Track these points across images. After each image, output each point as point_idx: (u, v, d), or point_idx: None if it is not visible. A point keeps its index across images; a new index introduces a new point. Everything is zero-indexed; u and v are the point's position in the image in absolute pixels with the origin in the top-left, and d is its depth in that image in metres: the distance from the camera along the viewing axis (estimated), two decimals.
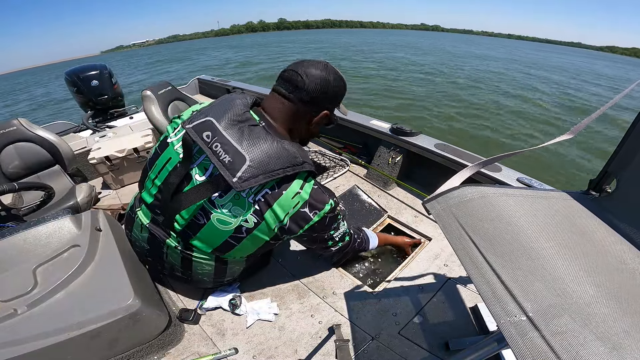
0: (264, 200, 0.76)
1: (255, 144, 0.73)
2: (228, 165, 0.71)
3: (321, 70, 0.79)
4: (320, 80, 0.78)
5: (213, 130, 0.74)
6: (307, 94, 0.78)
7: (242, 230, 0.80)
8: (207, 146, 0.74)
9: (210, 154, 0.73)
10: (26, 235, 0.89)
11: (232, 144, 0.72)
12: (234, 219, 0.78)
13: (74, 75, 2.55)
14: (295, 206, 0.78)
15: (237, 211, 0.77)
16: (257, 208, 0.76)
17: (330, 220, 0.86)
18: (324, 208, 0.81)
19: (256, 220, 0.78)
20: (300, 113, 0.81)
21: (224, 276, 0.98)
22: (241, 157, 0.71)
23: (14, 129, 1.55)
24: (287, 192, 0.76)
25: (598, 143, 5.50)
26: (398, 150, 1.61)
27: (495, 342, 0.58)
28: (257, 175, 0.71)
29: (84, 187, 1.58)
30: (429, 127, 5.74)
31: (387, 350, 0.90)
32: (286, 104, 0.80)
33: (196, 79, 3.19)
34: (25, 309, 0.75)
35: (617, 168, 0.63)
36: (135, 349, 0.84)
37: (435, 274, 1.13)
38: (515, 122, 6.40)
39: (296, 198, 0.77)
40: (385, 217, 1.44)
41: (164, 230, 0.89)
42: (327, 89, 0.79)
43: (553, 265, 0.45)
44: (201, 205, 0.80)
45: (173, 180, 0.81)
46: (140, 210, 0.94)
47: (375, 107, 6.92)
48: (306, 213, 0.79)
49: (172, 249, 0.90)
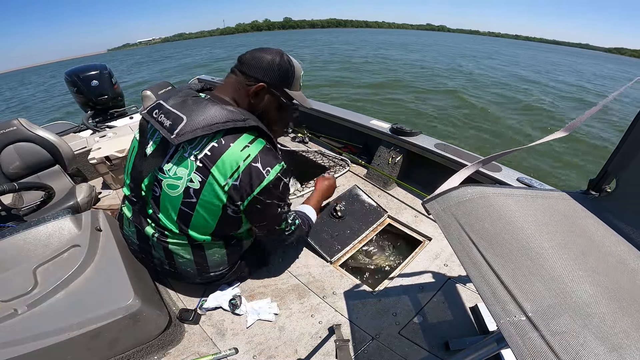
0: (210, 154, 0.77)
1: (195, 107, 0.78)
2: (168, 127, 0.76)
3: (263, 50, 0.86)
4: (257, 54, 0.85)
5: (160, 107, 0.81)
6: (242, 64, 0.85)
7: (190, 192, 0.80)
8: (155, 120, 0.80)
9: (156, 124, 0.79)
10: (26, 235, 0.89)
11: (173, 111, 0.78)
12: (180, 181, 0.80)
13: (74, 75, 2.55)
14: (246, 159, 0.77)
15: (182, 172, 0.79)
16: (201, 165, 0.77)
17: (284, 187, 0.87)
18: (276, 166, 0.81)
19: (201, 178, 0.78)
20: (239, 83, 0.85)
21: (207, 266, 0.97)
22: (179, 118, 0.76)
23: (14, 129, 1.55)
24: (235, 144, 0.77)
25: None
26: (398, 150, 1.61)
27: (495, 342, 0.58)
28: (193, 130, 0.74)
29: (84, 187, 1.58)
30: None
31: (387, 350, 0.90)
32: (230, 76, 0.88)
33: (196, 78, 3.19)
34: (26, 309, 0.75)
35: (617, 168, 0.63)
36: (135, 349, 0.84)
37: (435, 274, 1.13)
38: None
39: (245, 151, 0.78)
40: (385, 217, 1.44)
41: (142, 218, 0.91)
42: (261, 61, 0.83)
43: (552, 265, 0.45)
44: (154, 175, 0.83)
45: (137, 163, 0.86)
46: (124, 205, 0.97)
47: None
48: (258, 169, 0.78)
49: (152, 239, 0.91)
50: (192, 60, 21.64)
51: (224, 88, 0.88)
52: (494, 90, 9.58)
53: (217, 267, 0.99)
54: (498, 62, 18.73)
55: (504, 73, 13.64)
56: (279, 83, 0.86)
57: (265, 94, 0.86)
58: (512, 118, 6.84)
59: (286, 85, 0.87)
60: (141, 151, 0.86)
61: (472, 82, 10.63)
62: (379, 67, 13.21)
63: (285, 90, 0.88)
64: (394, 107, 7.30)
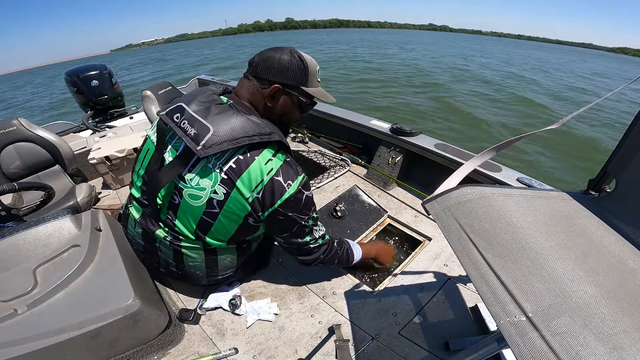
0: (235, 167, 0.76)
1: (221, 117, 0.76)
2: (193, 136, 0.74)
3: (272, 50, 0.84)
4: (267, 56, 0.83)
5: (182, 112, 0.79)
6: (253, 68, 0.84)
7: (213, 203, 0.79)
8: (177, 126, 0.78)
9: (179, 131, 0.77)
10: (26, 235, 0.89)
11: (197, 119, 0.76)
12: (203, 192, 0.79)
13: (74, 75, 2.55)
14: (269, 173, 0.77)
15: (205, 183, 0.78)
16: (225, 177, 0.77)
17: (307, 200, 0.85)
18: (297, 178, 0.81)
19: (225, 190, 0.78)
20: (254, 87, 0.84)
21: (217, 269, 0.97)
22: (206, 128, 0.74)
23: (14, 129, 1.55)
24: (259, 158, 0.77)
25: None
26: (398, 150, 1.61)
27: (495, 342, 0.58)
28: (220, 142, 0.73)
29: (84, 187, 1.58)
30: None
31: (387, 350, 0.90)
32: (244, 81, 0.86)
33: (196, 79, 3.19)
34: (26, 309, 0.75)
35: (616, 168, 0.64)
36: (135, 349, 0.84)
37: (435, 274, 1.13)
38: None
39: (269, 165, 0.78)
40: (385, 217, 1.44)
41: (152, 221, 0.90)
42: (271, 62, 0.81)
43: (552, 265, 0.45)
44: (174, 184, 0.82)
45: (153, 167, 0.84)
46: (132, 206, 0.96)
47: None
48: (280, 182, 0.78)
49: (162, 242, 0.90)
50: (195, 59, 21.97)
51: (241, 93, 0.86)
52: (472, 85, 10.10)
53: (225, 270, 0.99)
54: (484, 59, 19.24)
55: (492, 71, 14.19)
56: (294, 82, 0.83)
57: (282, 95, 0.84)
58: (493, 112, 7.11)
59: (302, 82, 0.84)
60: (157, 155, 0.83)
61: (453, 77, 11.27)
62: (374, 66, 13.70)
63: (302, 88, 0.85)
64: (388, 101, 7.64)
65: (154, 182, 0.83)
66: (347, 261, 1.05)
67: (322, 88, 0.91)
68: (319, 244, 0.95)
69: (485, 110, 7.08)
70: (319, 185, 1.63)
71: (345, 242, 1.07)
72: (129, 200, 0.99)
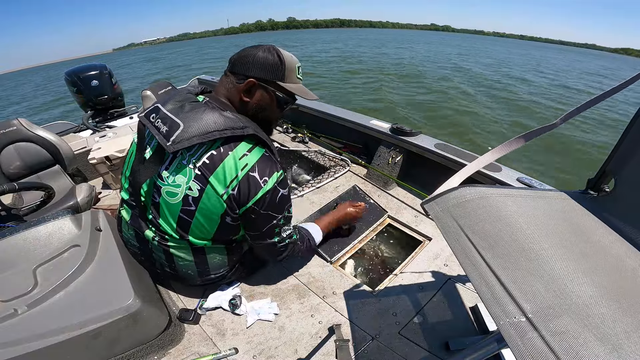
0: (208, 162, 0.76)
1: (192, 114, 0.77)
2: (165, 133, 0.75)
3: (252, 47, 0.84)
4: (244, 52, 0.84)
5: (157, 111, 0.80)
6: (231, 64, 0.85)
7: (189, 200, 0.80)
8: (152, 125, 0.79)
9: (153, 129, 0.78)
10: (26, 235, 0.89)
11: (170, 117, 0.77)
12: (179, 189, 0.79)
13: (74, 75, 2.55)
14: (244, 168, 0.77)
15: (180, 179, 0.79)
16: (199, 173, 0.77)
17: (282, 198, 0.85)
18: (273, 175, 0.80)
19: (199, 186, 0.78)
20: (230, 82, 0.85)
21: (208, 269, 0.97)
22: (176, 124, 0.75)
23: (14, 129, 1.55)
24: (233, 153, 0.77)
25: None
26: (398, 150, 1.61)
27: (495, 342, 0.58)
28: (190, 137, 0.73)
29: (84, 187, 1.58)
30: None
31: (387, 350, 0.90)
32: (223, 78, 0.87)
33: (196, 78, 3.19)
34: (26, 309, 0.75)
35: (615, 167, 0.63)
36: (135, 349, 0.84)
37: (435, 274, 1.13)
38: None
39: (243, 160, 0.77)
40: (385, 217, 1.44)
41: (141, 222, 0.91)
42: (247, 57, 0.82)
43: (552, 265, 0.45)
44: (153, 182, 0.83)
45: (135, 168, 0.85)
46: (123, 209, 0.96)
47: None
48: (256, 179, 0.78)
49: (152, 242, 0.91)
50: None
51: (219, 90, 0.87)
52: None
53: (217, 269, 0.99)
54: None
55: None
56: (270, 77, 0.82)
57: (257, 89, 0.84)
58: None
59: (278, 78, 0.83)
60: (139, 155, 0.85)
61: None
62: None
63: (279, 83, 0.84)
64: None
65: (135, 182, 0.84)
66: (310, 249, 1.11)
67: (302, 85, 0.90)
68: (286, 244, 0.96)
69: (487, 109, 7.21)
70: (319, 185, 1.63)
71: (304, 231, 1.10)
72: (120, 203, 0.99)
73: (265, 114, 0.88)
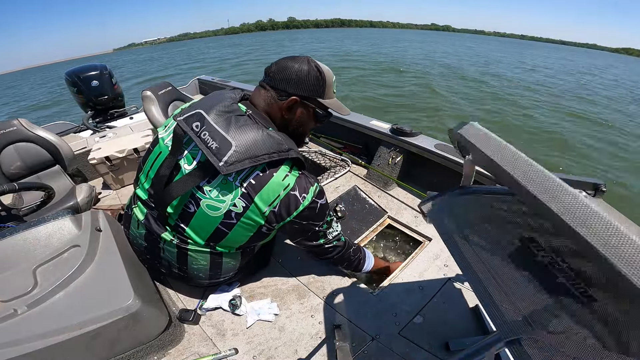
0: (254, 182, 0.77)
1: (242, 131, 0.76)
2: (215, 150, 0.74)
3: (290, 59, 0.83)
4: (284, 66, 0.82)
5: (202, 120, 0.78)
6: (270, 78, 0.83)
7: (231, 215, 0.80)
8: (196, 135, 0.77)
9: (199, 141, 0.76)
10: (26, 236, 0.89)
11: (219, 132, 0.75)
12: (222, 204, 0.79)
13: (74, 75, 2.55)
14: (286, 188, 0.79)
15: (225, 195, 0.79)
16: (245, 192, 0.77)
17: (321, 208, 0.86)
18: (310, 189, 0.82)
19: (244, 204, 0.79)
20: (271, 98, 0.84)
21: (220, 272, 0.98)
22: (227, 143, 0.74)
23: (14, 129, 1.55)
24: (277, 175, 0.78)
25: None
26: (398, 150, 1.61)
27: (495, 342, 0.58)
28: (242, 160, 0.73)
29: (84, 187, 1.58)
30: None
31: (387, 350, 0.90)
32: (262, 92, 0.85)
33: (196, 79, 3.19)
34: (26, 309, 0.75)
35: None
36: (135, 349, 0.84)
37: (435, 274, 1.13)
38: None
39: (286, 180, 0.79)
40: (385, 218, 1.44)
41: (159, 224, 0.90)
42: (289, 73, 0.81)
43: None
44: (190, 193, 0.82)
45: (164, 172, 0.83)
46: (136, 207, 0.95)
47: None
48: (296, 196, 0.80)
49: (167, 244, 0.90)
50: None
51: (258, 103, 0.85)
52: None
53: (228, 273, 1.00)
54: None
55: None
56: (311, 94, 0.83)
57: (299, 107, 0.84)
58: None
59: (319, 94, 0.84)
60: (171, 159, 0.83)
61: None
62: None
63: (319, 100, 0.85)
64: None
65: (165, 189, 0.82)
66: (357, 268, 1.10)
67: (337, 99, 0.91)
68: (334, 245, 0.98)
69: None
70: None
71: (362, 252, 1.10)
72: (132, 200, 0.98)
73: (302, 129, 0.90)
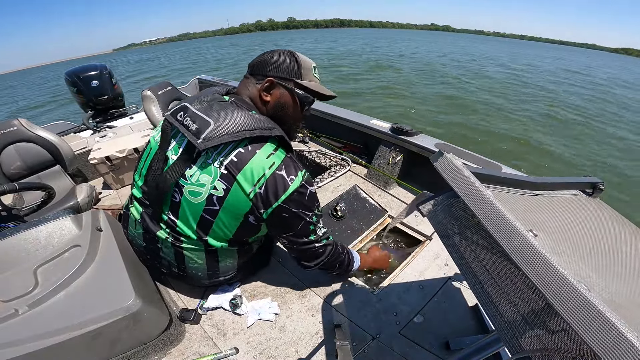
0: (236, 160, 0.76)
1: (222, 113, 0.78)
2: (194, 131, 0.76)
3: (269, 51, 0.88)
4: (263, 55, 0.87)
5: (185, 110, 0.81)
6: (251, 67, 0.88)
7: (213, 200, 0.79)
8: (180, 123, 0.80)
9: (181, 127, 0.79)
10: (27, 236, 0.89)
11: (199, 115, 0.78)
12: (203, 188, 0.78)
13: (74, 75, 2.55)
14: (271, 167, 0.77)
15: (205, 178, 0.78)
16: (225, 172, 0.76)
17: (311, 196, 0.85)
18: (299, 173, 0.81)
19: (225, 186, 0.77)
20: (251, 83, 0.87)
21: (218, 271, 0.97)
22: (206, 123, 0.76)
23: (15, 129, 1.55)
24: (261, 151, 0.77)
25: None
26: (398, 149, 1.61)
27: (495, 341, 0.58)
28: (221, 135, 0.74)
29: (85, 187, 1.58)
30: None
31: (388, 350, 0.90)
32: (244, 80, 0.90)
33: (196, 78, 3.19)
34: (26, 309, 0.75)
35: None
36: (136, 349, 0.85)
37: (435, 273, 1.13)
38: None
39: (271, 159, 0.78)
40: (385, 217, 1.44)
41: (154, 222, 0.90)
42: (267, 58, 0.85)
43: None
44: (175, 182, 0.82)
45: (155, 166, 0.84)
46: (132, 206, 0.95)
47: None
48: (283, 177, 0.78)
49: (164, 242, 0.90)
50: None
51: (241, 91, 0.88)
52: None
53: (226, 272, 1.00)
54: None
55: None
56: (287, 75, 0.84)
57: (276, 88, 0.85)
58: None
59: (296, 76, 0.85)
60: (160, 153, 0.84)
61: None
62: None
63: (297, 81, 0.85)
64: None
65: (158, 182, 0.83)
66: (347, 267, 1.04)
67: (319, 84, 0.90)
68: (324, 244, 0.93)
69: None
70: (319, 185, 1.63)
71: (347, 248, 1.06)
72: (130, 200, 0.99)
73: (285, 112, 0.88)
